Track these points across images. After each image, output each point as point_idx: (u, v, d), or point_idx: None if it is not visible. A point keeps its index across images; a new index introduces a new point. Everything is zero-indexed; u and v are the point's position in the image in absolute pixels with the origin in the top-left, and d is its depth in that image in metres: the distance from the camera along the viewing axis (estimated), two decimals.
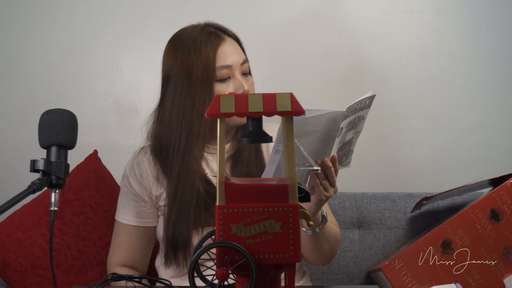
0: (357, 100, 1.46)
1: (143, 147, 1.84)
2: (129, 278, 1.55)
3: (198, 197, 1.72)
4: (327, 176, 1.52)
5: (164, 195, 1.78)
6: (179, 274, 1.77)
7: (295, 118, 1.28)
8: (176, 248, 1.73)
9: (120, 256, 1.84)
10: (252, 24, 2.39)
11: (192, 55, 1.74)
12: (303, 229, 1.66)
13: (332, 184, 1.54)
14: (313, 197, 1.55)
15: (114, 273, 1.55)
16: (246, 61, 1.79)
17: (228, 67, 1.74)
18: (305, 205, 1.57)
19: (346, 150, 1.55)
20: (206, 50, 1.73)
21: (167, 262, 1.75)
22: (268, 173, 1.44)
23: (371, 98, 1.49)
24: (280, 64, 2.43)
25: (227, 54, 1.75)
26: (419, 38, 2.44)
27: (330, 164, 1.50)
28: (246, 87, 1.74)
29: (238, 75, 1.75)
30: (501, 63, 2.44)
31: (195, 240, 1.71)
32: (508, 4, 2.43)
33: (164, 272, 1.80)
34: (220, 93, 1.71)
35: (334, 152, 1.50)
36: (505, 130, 2.45)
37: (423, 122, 2.44)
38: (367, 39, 2.44)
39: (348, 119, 1.47)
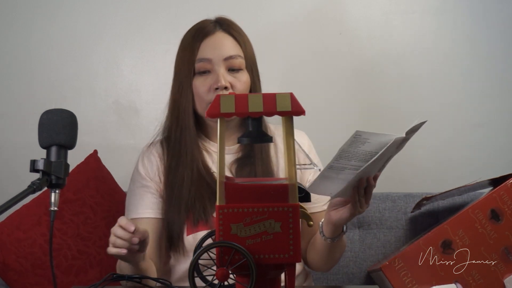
0: (413, 125, 1.45)
1: (152, 142, 1.84)
2: (129, 278, 1.55)
3: (190, 187, 1.71)
4: (365, 193, 1.52)
5: None
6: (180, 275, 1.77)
7: (358, 139, 1.30)
8: (172, 236, 1.72)
9: None
10: (252, 24, 2.38)
11: (183, 49, 1.78)
12: (322, 237, 1.66)
13: (367, 201, 1.54)
14: (347, 210, 1.55)
15: (113, 273, 1.55)
16: (236, 56, 1.75)
17: (207, 60, 1.73)
18: (337, 214, 1.57)
19: (382, 166, 1.56)
20: (192, 44, 1.75)
21: (167, 250, 1.76)
22: (315, 187, 1.44)
23: (422, 123, 1.49)
24: (280, 64, 2.43)
25: (208, 47, 1.74)
26: (419, 38, 2.44)
27: (373, 183, 1.51)
28: (222, 82, 1.71)
29: (219, 69, 1.73)
30: (501, 63, 2.44)
31: (191, 238, 1.71)
32: (507, 4, 2.43)
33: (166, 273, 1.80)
34: (196, 88, 1.74)
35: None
36: (505, 130, 2.45)
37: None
38: (367, 39, 2.44)
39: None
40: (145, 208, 1.76)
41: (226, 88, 1.71)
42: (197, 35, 1.77)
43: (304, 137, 1.88)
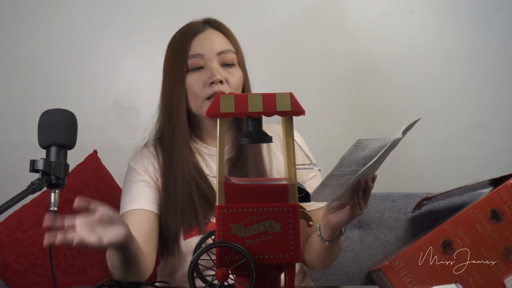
0: (408, 124, 1.45)
1: (146, 143, 1.83)
2: (127, 285, 1.52)
3: (184, 186, 1.70)
4: (364, 195, 1.52)
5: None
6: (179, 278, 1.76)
7: (359, 146, 1.29)
8: (167, 240, 1.71)
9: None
10: (252, 25, 2.39)
11: (173, 48, 1.77)
12: (320, 240, 1.65)
13: (366, 203, 1.54)
14: (347, 213, 1.54)
15: (110, 279, 1.53)
16: (228, 51, 1.74)
17: (200, 55, 1.72)
18: (336, 218, 1.57)
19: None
20: (182, 41, 1.74)
21: (161, 254, 1.75)
22: (317, 196, 1.43)
23: (416, 121, 1.49)
24: (280, 64, 2.43)
25: (200, 43, 1.73)
26: (419, 38, 2.44)
27: (372, 185, 1.51)
28: (217, 76, 1.69)
29: (213, 64, 1.71)
30: (500, 63, 2.44)
31: (186, 243, 1.70)
32: (507, 4, 2.43)
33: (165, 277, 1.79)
34: (190, 84, 1.73)
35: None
36: (505, 130, 2.45)
37: (423, 122, 2.43)
38: (367, 39, 2.44)
39: None
40: (143, 201, 1.73)
41: (221, 82, 1.70)
42: (186, 34, 1.76)
43: (296, 135, 1.87)
